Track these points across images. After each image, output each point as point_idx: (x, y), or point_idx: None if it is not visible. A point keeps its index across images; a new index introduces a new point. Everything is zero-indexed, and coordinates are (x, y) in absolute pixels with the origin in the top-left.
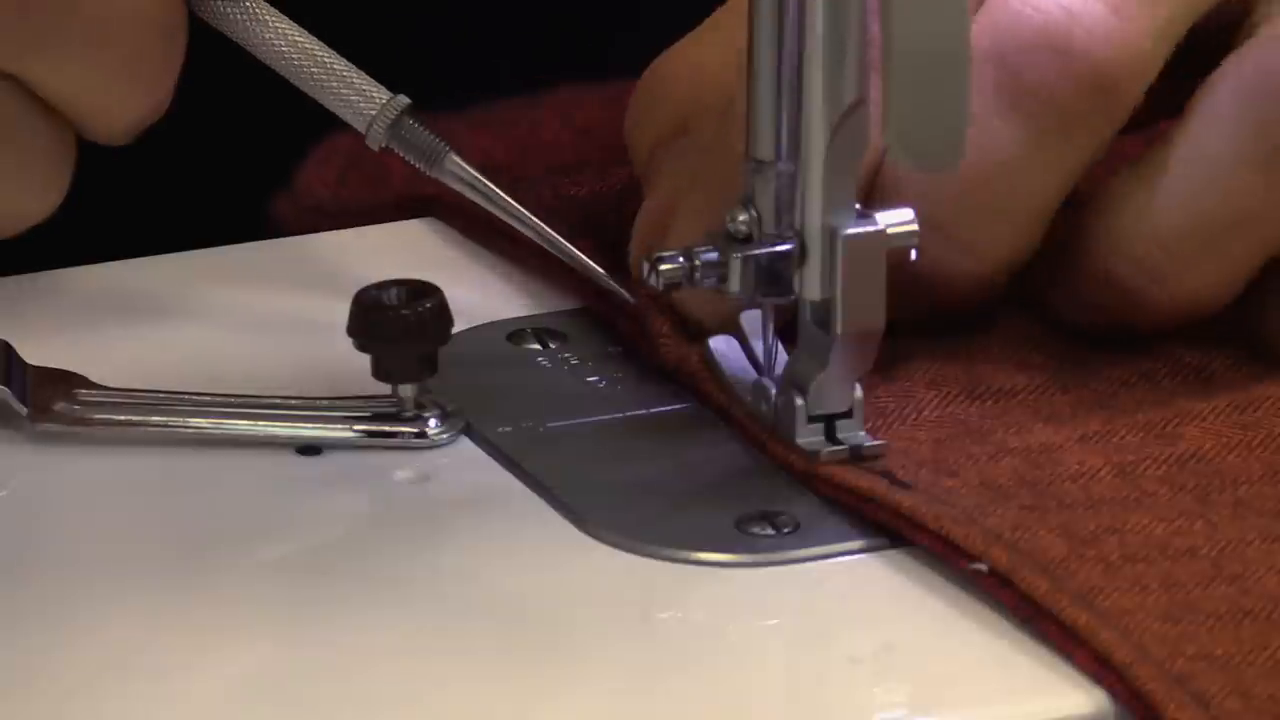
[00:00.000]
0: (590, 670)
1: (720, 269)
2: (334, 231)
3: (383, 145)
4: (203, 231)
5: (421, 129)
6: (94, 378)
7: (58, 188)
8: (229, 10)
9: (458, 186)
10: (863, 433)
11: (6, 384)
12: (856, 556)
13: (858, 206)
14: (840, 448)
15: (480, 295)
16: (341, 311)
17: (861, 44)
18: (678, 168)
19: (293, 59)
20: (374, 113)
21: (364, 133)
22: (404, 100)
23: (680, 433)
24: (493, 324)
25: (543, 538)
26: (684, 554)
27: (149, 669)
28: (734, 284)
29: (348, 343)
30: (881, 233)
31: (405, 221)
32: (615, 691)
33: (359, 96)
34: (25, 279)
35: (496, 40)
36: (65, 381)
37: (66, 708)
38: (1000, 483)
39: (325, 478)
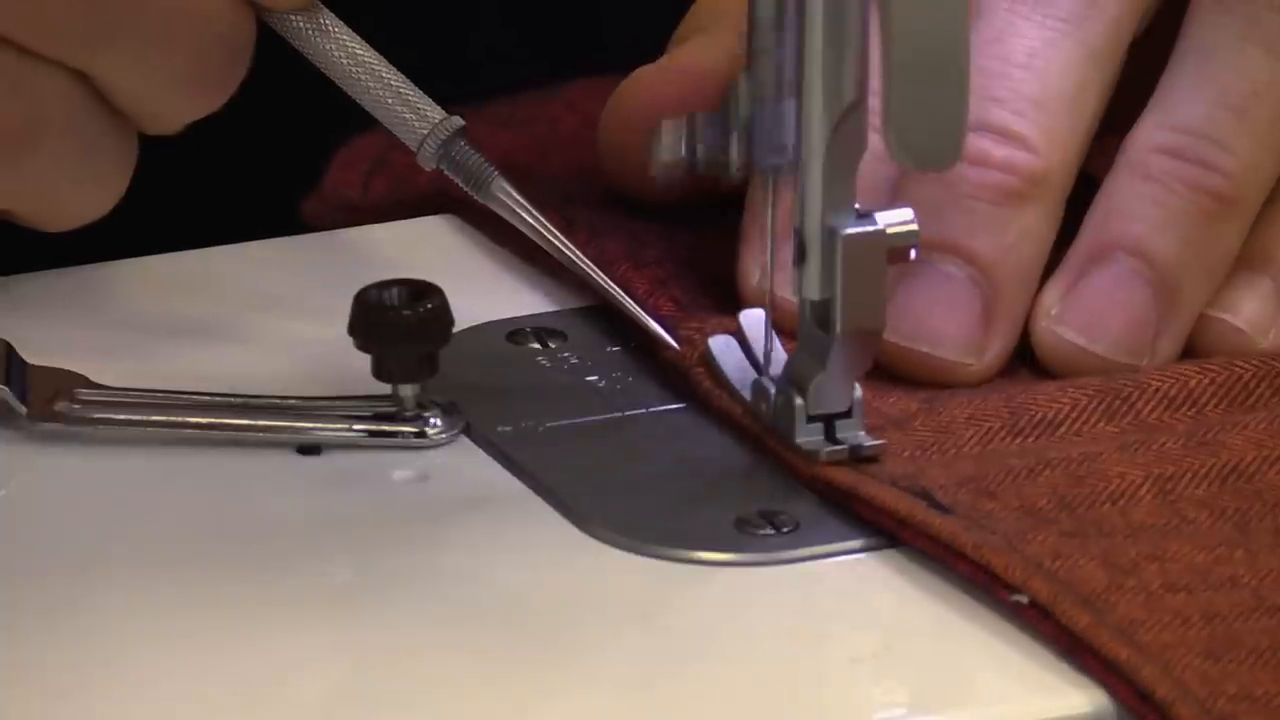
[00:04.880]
0: (590, 670)
1: (721, 140)
2: (335, 230)
3: (433, 166)
4: (229, 229)
5: (472, 151)
6: (94, 378)
7: (117, 185)
8: (296, 20)
9: (503, 212)
10: (862, 432)
11: (6, 384)
12: (856, 556)
13: (857, 206)
14: (840, 447)
15: (480, 294)
16: (343, 310)
17: (862, 44)
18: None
19: (350, 71)
20: (426, 132)
21: (415, 151)
22: (458, 121)
23: (680, 433)
24: (493, 323)
25: (543, 537)
26: (684, 554)
27: (147, 668)
28: (734, 153)
29: (348, 342)
30: (881, 232)
31: (407, 220)
32: (615, 691)
33: (413, 114)
34: (25, 279)
35: (506, 29)
36: (65, 381)
37: (65, 707)
38: (1039, 505)
39: (325, 478)
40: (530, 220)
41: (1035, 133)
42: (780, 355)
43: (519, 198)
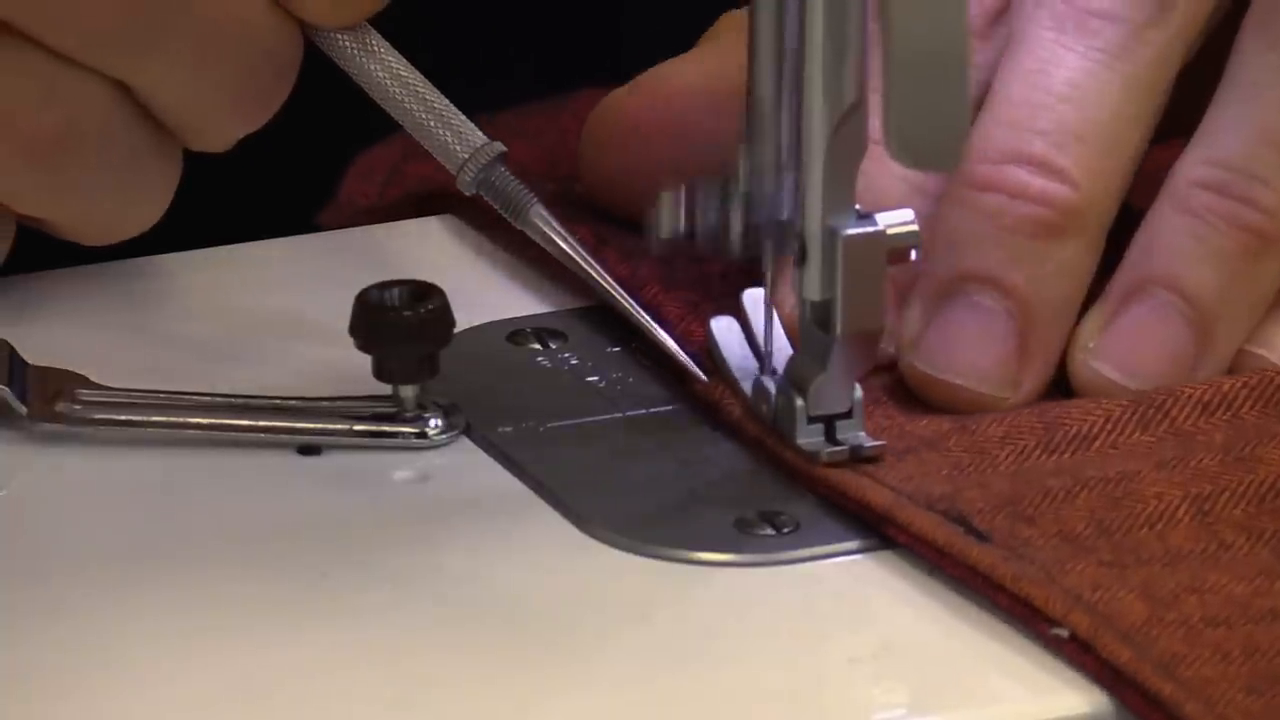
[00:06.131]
0: (590, 670)
1: (720, 214)
2: (336, 231)
3: (472, 190)
4: (235, 235)
5: (511, 177)
6: (94, 378)
7: (159, 201)
8: (343, 40)
9: (539, 240)
10: (862, 433)
11: (7, 384)
12: (856, 556)
13: (858, 207)
14: (840, 448)
15: (481, 295)
16: (344, 310)
17: (862, 44)
18: None
19: (394, 92)
20: (467, 156)
21: (454, 174)
22: (499, 147)
23: (680, 433)
24: (493, 324)
25: (543, 538)
26: (684, 554)
27: (148, 669)
28: (734, 228)
29: (349, 342)
30: (882, 233)
31: (407, 220)
32: (615, 691)
33: (455, 138)
34: (25, 279)
35: (509, 36)
36: (65, 381)
37: (65, 707)
38: (1077, 530)
39: (325, 478)
40: (566, 248)
41: (1074, 166)
42: (780, 338)
43: (556, 225)
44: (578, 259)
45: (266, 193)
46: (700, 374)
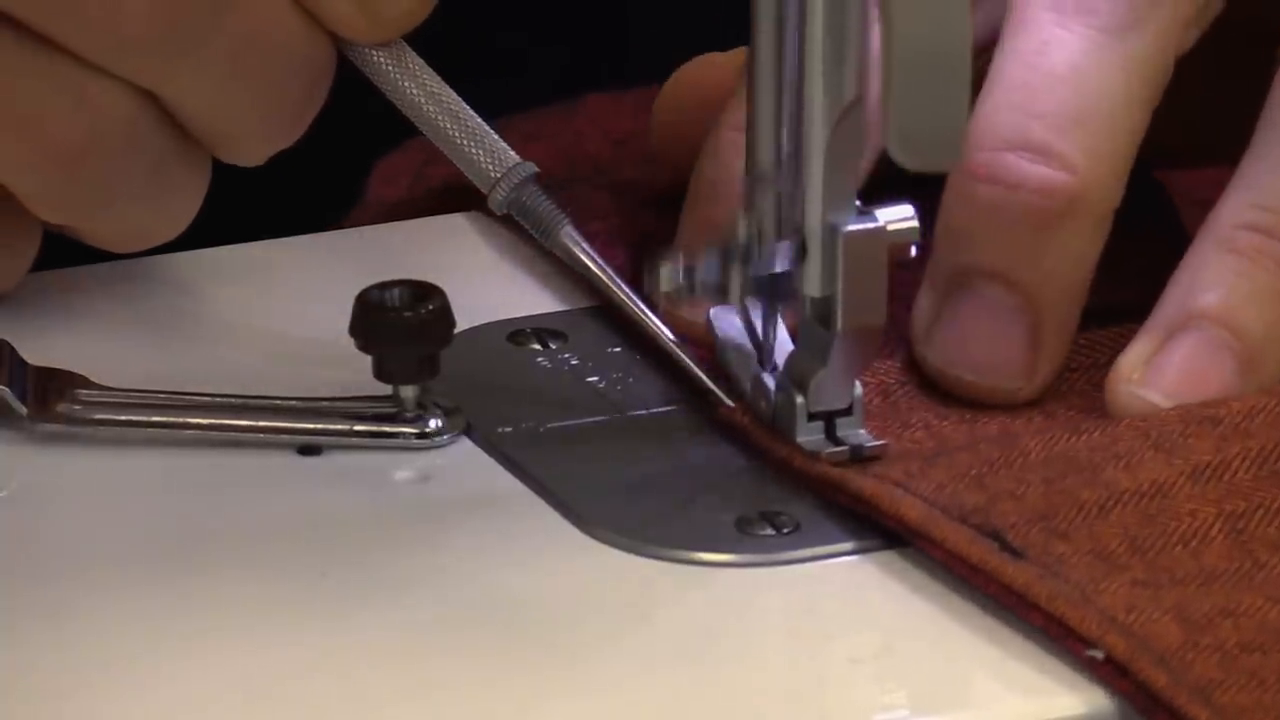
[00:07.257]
0: (590, 670)
1: (720, 284)
2: (337, 230)
3: (503, 210)
4: (241, 236)
5: (543, 197)
6: (94, 378)
7: (186, 210)
8: (377, 56)
9: (569, 260)
10: (863, 431)
11: (7, 384)
12: (856, 557)
13: (858, 204)
14: (840, 448)
15: (481, 295)
16: (345, 310)
17: (861, 44)
18: None
19: (427, 110)
20: (499, 175)
21: (486, 194)
22: (531, 167)
23: (680, 433)
24: (493, 324)
25: (543, 538)
26: (684, 554)
27: (148, 669)
28: (734, 298)
29: (349, 342)
30: (882, 229)
31: (410, 220)
32: (615, 691)
33: (487, 157)
34: (25, 279)
35: (512, 44)
36: (65, 381)
37: (65, 707)
38: (1111, 548)
39: (325, 478)
40: (595, 269)
41: (1074, 149)
42: (780, 330)
43: (586, 246)
44: (608, 281)
45: (286, 198)
46: (726, 398)
